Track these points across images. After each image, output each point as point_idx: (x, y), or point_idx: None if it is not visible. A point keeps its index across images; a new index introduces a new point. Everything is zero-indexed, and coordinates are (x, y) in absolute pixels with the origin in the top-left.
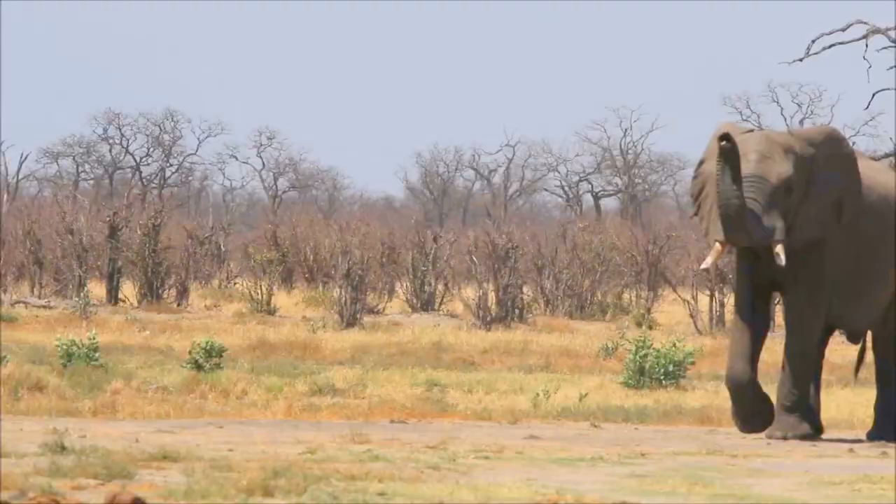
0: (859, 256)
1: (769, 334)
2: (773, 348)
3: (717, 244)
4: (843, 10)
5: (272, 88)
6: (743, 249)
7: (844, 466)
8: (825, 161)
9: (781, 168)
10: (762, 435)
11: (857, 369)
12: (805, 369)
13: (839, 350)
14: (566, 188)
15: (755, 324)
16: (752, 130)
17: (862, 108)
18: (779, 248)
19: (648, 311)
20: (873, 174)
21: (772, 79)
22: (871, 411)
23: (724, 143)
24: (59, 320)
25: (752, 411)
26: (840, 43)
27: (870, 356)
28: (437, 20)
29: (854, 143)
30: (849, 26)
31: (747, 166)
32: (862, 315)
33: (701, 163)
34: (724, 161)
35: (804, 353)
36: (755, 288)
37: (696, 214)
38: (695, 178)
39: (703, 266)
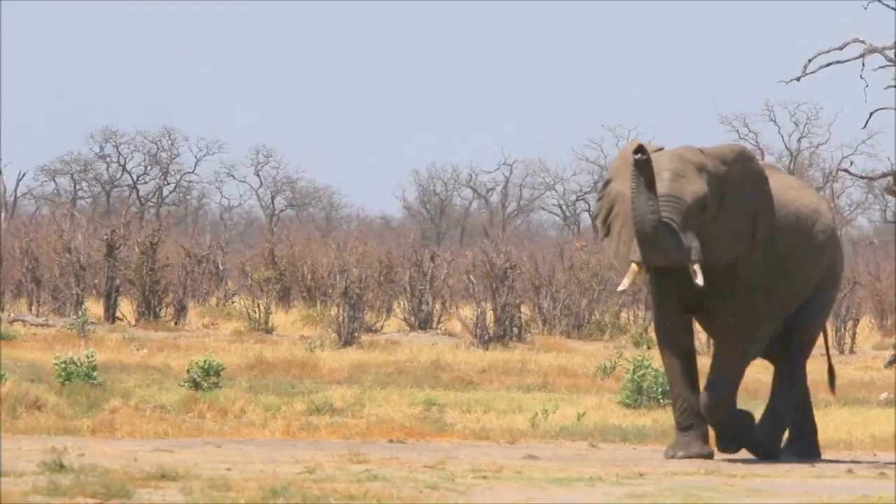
0: (773, 271)
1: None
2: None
3: (634, 265)
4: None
5: (269, 107)
6: (656, 271)
7: (843, 487)
8: (738, 179)
9: (696, 186)
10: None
11: (831, 384)
12: (732, 390)
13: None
14: (563, 207)
15: (683, 346)
16: (661, 149)
17: (859, 127)
18: (696, 268)
19: (646, 329)
20: (781, 192)
21: (769, 98)
22: (868, 431)
23: (638, 155)
24: (57, 338)
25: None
26: (837, 62)
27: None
28: (434, 39)
29: (851, 163)
30: (846, 45)
31: (661, 185)
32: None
33: (607, 182)
34: (638, 175)
35: (733, 374)
36: (675, 309)
37: (606, 236)
38: (600, 199)
39: (620, 288)
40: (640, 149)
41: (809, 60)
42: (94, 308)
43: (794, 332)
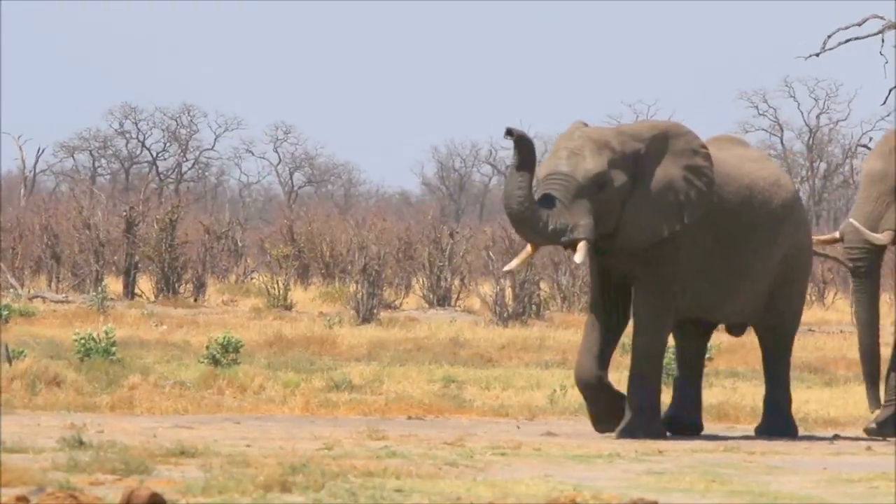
0: (720, 252)
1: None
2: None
3: (529, 245)
4: (860, 5)
5: (288, 83)
6: (594, 247)
7: (862, 464)
8: (655, 157)
9: (590, 164)
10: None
11: None
12: (653, 368)
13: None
14: None
15: (608, 321)
16: (585, 125)
17: (879, 104)
18: (580, 245)
19: None
20: (738, 164)
21: (788, 74)
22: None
23: (508, 136)
24: (77, 315)
25: (603, 411)
26: (857, 38)
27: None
28: (453, 15)
29: (871, 139)
30: (865, 21)
31: (555, 163)
32: (737, 309)
33: None
34: (514, 153)
35: (650, 353)
36: (607, 285)
37: None
38: None
39: (506, 268)
40: (509, 130)
41: (829, 36)
42: (114, 285)
43: (771, 313)
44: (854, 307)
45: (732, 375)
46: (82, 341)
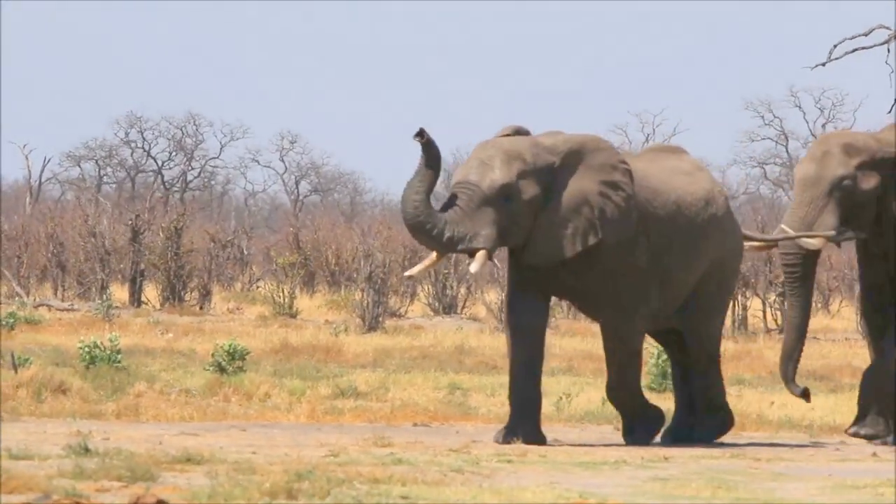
0: (658, 267)
1: (778, 336)
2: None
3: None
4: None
5: (294, 92)
6: (513, 258)
7: (868, 470)
8: (570, 171)
9: (496, 175)
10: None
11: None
12: (635, 375)
13: (861, 354)
14: None
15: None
16: (509, 135)
17: (885, 113)
18: (479, 255)
19: None
20: (666, 179)
21: (794, 83)
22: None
23: (418, 138)
24: (82, 323)
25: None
26: (863, 48)
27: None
28: (459, 24)
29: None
30: (871, 31)
31: (465, 172)
32: (658, 321)
33: None
34: (421, 159)
35: (629, 362)
36: (528, 294)
37: None
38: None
39: (406, 273)
40: (420, 132)
41: (835, 46)
42: (119, 293)
43: (688, 333)
44: (787, 310)
45: (738, 382)
46: (88, 349)
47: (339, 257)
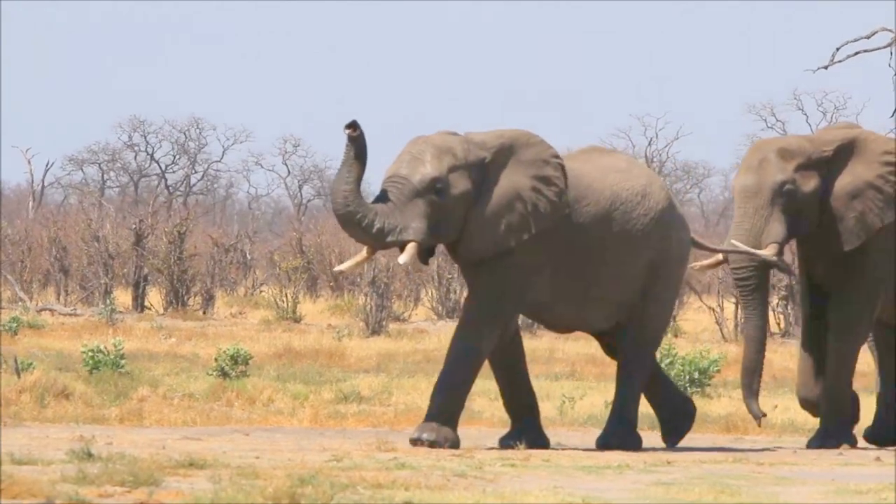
0: (573, 263)
1: (781, 340)
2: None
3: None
4: (868, 17)
5: (297, 96)
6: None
7: (871, 475)
8: (500, 166)
9: (427, 169)
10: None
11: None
12: (465, 377)
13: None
14: None
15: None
16: (455, 135)
17: (888, 116)
18: (408, 247)
19: (674, 318)
20: (600, 176)
21: (796, 86)
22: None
23: (349, 130)
24: (85, 327)
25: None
26: (865, 50)
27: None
28: (461, 29)
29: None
30: (873, 34)
31: (396, 167)
32: (604, 318)
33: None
34: (347, 151)
35: (468, 361)
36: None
37: None
38: None
39: (336, 269)
40: (351, 123)
41: (837, 49)
42: (122, 297)
43: (629, 328)
44: (743, 324)
45: (740, 387)
46: (91, 354)
47: (342, 261)
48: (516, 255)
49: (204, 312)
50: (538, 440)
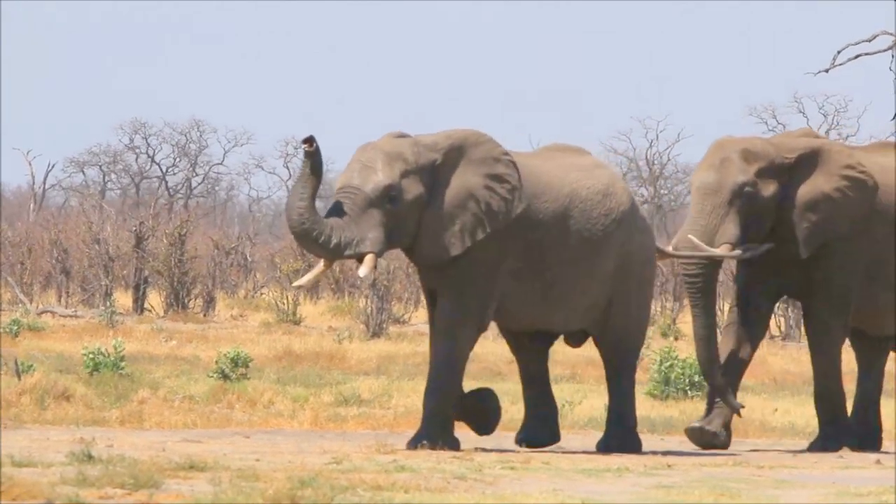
0: (531, 262)
1: (781, 343)
2: (801, 358)
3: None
4: (869, 20)
5: (298, 98)
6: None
7: (871, 478)
8: (451, 167)
9: (378, 177)
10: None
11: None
12: (451, 378)
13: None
14: None
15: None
16: (404, 137)
17: (888, 119)
18: (367, 259)
19: (674, 321)
20: (560, 175)
21: (797, 89)
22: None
23: (305, 145)
24: (86, 329)
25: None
26: (866, 54)
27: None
28: (462, 32)
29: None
30: (875, 37)
31: (347, 177)
32: (569, 319)
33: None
34: (304, 166)
35: (450, 362)
36: (430, 296)
37: None
38: None
39: (295, 284)
40: (308, 139)
41: (838, 52)
42: (123, 299)
43: (605, 333)
44: (693, 323)
45: (741, 389)
46: (91, 356)
47: (342, 264)
48: (475, 251)
49: (204, 315)
50: (553, 437)
